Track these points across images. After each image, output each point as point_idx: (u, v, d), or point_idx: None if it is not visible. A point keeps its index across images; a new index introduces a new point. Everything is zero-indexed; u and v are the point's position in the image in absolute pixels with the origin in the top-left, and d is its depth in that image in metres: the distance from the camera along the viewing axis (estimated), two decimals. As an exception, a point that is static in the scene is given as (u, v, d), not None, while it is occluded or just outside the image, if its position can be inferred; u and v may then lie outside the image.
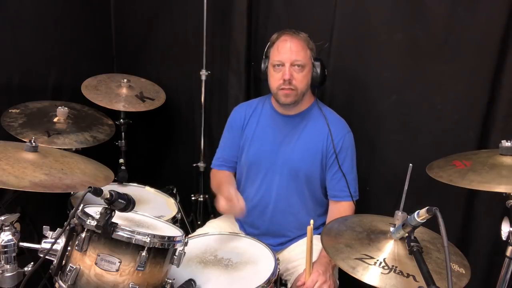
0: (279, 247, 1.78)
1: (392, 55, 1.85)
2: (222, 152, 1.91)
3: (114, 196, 1.13)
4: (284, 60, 1.63)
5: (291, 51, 1.63)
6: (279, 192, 1.75)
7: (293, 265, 1.67)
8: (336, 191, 1.73)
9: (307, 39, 1.68)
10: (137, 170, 2.39)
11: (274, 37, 1.70)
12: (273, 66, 1.67)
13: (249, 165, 1.81)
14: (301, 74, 1.64)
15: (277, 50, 1.66)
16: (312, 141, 1.72)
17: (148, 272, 1.19)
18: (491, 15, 1.65)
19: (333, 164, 1.71)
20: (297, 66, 1.63)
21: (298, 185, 1.74)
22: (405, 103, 1.86)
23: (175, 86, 2.51)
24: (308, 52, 1.67)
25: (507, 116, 1.65)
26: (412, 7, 1.78)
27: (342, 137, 1.71)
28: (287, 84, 1.63)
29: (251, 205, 1.77)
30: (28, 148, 1.48)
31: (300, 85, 1.65)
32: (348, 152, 1.72)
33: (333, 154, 1.70)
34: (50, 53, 2.28)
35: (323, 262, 1.53)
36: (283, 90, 1.65)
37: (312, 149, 1.72)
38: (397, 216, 1.22)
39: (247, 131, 1.82)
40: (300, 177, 1.73)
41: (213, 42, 2.31)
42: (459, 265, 1.22)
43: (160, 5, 2.49)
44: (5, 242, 1.24)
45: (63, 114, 2.00)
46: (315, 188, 1.76)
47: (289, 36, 1.66)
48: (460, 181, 1.30)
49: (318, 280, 1.45)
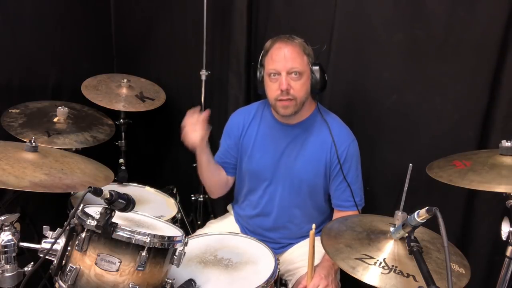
0: (279, 250, 1.78)
1: (392, 55, 1.85)
2: (218, 157, 1.84)
3: (114, 196, 1.13)
4: (280, 69, 1.53)
5: (286, 58, 1.53)
6: (281, 204, 1.73)
7: (294, 266, 1.67)
8: (341, 201, 1.68)
9: (302, 44, 1.58)
10: (137, 170, 2.39)
11: (268, 45, 1.61)
12: (269, 76, 1.57)
13: (250, 175, 1.76)
14: (299, 82, 1.54)
15: (272, 58, 1.56)
16: (315, 152, 1.66)
17: (148, 272, 1.19)
18: (491, 15, 1.65)
19: (337, 175, 1.65)
20: (294, 74, 1.53)
21: (301, 197, 1.70)
22: (405, 103, 1.86)
23: (175, 86, 2.51)
24: (305, 58, 1.57)
25: (507, 116, 1.65)
26: (412, 7, 1.78)
27: (347, 147, 1.64)
28: (285, 94, 1.53)
29: (254, 212, 1.78)
30: (28, 148, 1.48)
31: (299, 94, 1.55)
32: (353, 161, 1.66)
33: (337, 165, 1.63)
34: (50, 53, 2.28)
35: (326, 266, 1.51)
36: (281, 102, 1.55)
37: (315, 161, 1.66)
38: (397, 216, 1.22)
39: (246, 140, 1.75)
40: (303, 189, 1.69)
41: (213, 42, 2.31)
42: (459, 265, 1.22)
43: (160, 5, 2.49)
44: (5, 242, 1.24)
45: (63, 114, 2.00)
46: (318, 198, 1.72)
47: (283, 43, 1.56)
48: (460, 181, 1.30)
49: (320, 284, 1.43)
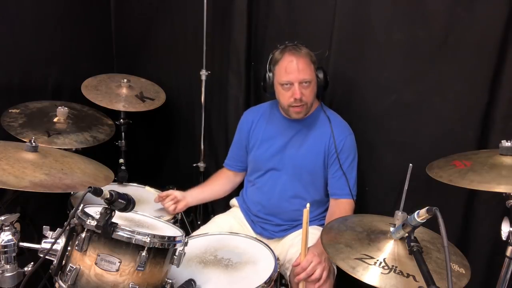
0: (280, 234, 1.84)
1: (392, 55, 1.85)
2: (231, 151, 2.04)
3: (114, 196, 1.13)
4: (293, 80, 1.68)
5: (298, 71, 1.68)
6: (283, 189, 1.82)
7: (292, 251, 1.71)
8: (336, 189, 1.78)
9: (309, 54, 1.73)
10: (137, 170, 2.39)
11: (278, 56, 1.73)
12: (281, 85, 1.72)
13: (258, 162, 1.90)
14: (308, 89, 1.71)
15: (285, 71, 1.70)
16: (316, 143, 1.79)
17: (148, 272, 1.19)
18: (491, 15, 1.65)
19: (334, 163, 1.77)
20: (305, 83, 1.69)
21: (302, 184, 1.81)
22: (404, 103, 1.86)
23: (175, 86, 2.51)
24: (312, 66, 1.73)
25: (507, 116, 1.65)
26: (412, 7, 1.78)
27: (344, 138, 1.77)
28: (298, 102, 1.70)
29: (257, 197, 1.89)
30: (28, 148, 1.48)
31: (309, 99, 1.73)
32: (349, 153, 1.78)
33: (334, 153, 1.76)
34: (50, 53, 2.28)
35: (319, 246, 1.52)
36: (294, 108, 1.72)
37: (316, 151, 1.79)
38: (397, 216, 1.22)
39: (255, 134, 1.91)
40: (304, 177, 1.80)
41: (213, 42, 2.31)
42: (459, 265, 1.22)
43: (160, 5, 2.49)
44: (5, 242, 1.24)
45: (63, 114, 2.00)
46: (318, 189, 1.82)
47: (294, 55, 1.69)
48: (460, 181, 1.30)
49: (313, 261, 1.48)
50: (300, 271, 1.47)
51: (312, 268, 1.47)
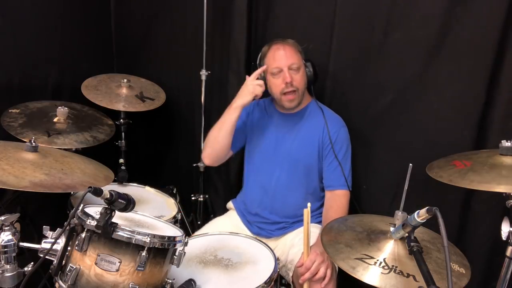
0: (278, 232, 1.84)
1: (390, 55, 1.85)
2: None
3: (114, 196, 1.13)
4: (282, 66, 1.75)
5: (286, 56, 1.76)
6: (279, 183, 1.84)
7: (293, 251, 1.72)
8: (331, 181, 1.81)
9: (295, 44, 1.82)
10: (137, 170, 2.39)
11: (265, 49, 1.84)
12: (272, 74, 1.78)
13: (251, 157, 1.93)
14: (298, 75, 1.77)
15: (273, 58, 1.78)
16: (310, 134, 1.83)
17: (148, 272, 1.19)
18: (489, 15, 1.64)
19: (329, 154, 1.80)
20: (294, 69, 1.75)
21: (297, 177, 1.83)
22: (403, 103, 1.86)
23: (175, 86, 2.51)
24: (299, 54, 1.81)
25: (505, 116, 1.65)
26: (410, 7, 1.78)
27: (338, 129, 1.81)
28: (289, 86, 1.74)
29: (254, 194, 1.90)
30: (28, 148, 1.48)
31: (300, 85, 1.77)
32: (343, 144, 1.81)
33: (329, 144, 1.79)
34: (50, 53, 2.28)
35: (320, 245, 1.54)
36: (286, 95, 1.76)
37: (310, 142, 1.82)
38: (397, 216, 1.22)
39: (250, 119, 1.94)
40: (299, 169, 1.82)
41: (213, 42, 2.31)
42: (459, 265, 1.22)
43: (160, 5, 2.49)
44: (5, 242, 1.24)
45: (63, 114, 2.00)
46: (313, 181, 1.84)
47: (280, 44, 1.79)
48: (460, 181, 1.30)
49: (316, 260, 1.49)
50: (304, 271, 1.48)
51: (316, 267, 1.48)
